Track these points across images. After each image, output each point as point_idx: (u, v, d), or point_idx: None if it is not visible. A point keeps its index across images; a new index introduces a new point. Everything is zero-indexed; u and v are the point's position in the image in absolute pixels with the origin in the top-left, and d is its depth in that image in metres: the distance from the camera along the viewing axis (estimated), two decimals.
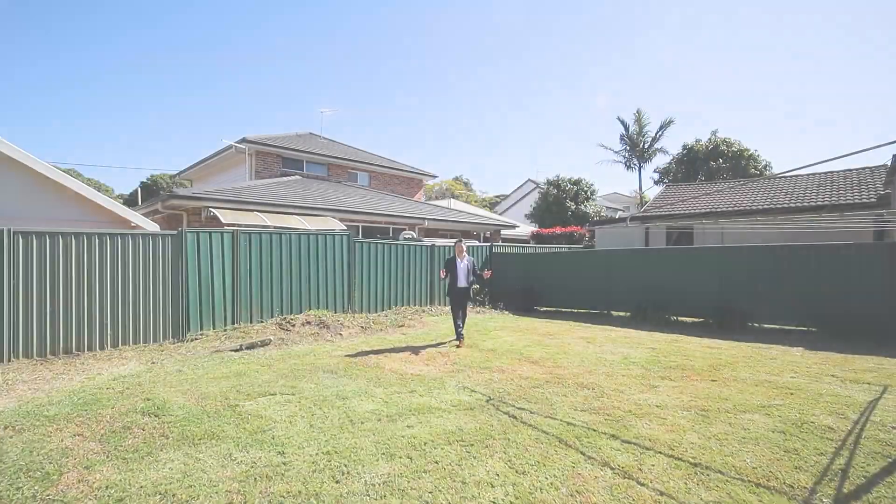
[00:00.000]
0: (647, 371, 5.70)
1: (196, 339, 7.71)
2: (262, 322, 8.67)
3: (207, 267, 8.09)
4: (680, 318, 9.84)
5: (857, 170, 14.97)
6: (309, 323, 8.64)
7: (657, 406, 4.37)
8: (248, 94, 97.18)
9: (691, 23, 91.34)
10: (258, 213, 11.63)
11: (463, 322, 7.54)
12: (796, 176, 16.26)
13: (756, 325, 8.87)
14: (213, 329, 8.11)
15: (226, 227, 8.96)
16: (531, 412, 4.25)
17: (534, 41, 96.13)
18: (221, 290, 8.25)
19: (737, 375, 5.44)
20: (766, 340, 7.75)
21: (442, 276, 7.65)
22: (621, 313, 11.08)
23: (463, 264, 7.52)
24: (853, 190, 13.50)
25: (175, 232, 7.78)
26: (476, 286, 7.60)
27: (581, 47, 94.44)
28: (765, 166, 24.99)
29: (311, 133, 23.60)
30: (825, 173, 15.80)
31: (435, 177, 24.86)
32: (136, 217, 8.56)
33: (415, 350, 7.09)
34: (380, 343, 7.67)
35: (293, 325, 8.43)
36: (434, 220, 16.71)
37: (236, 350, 7.11)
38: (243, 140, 17.28)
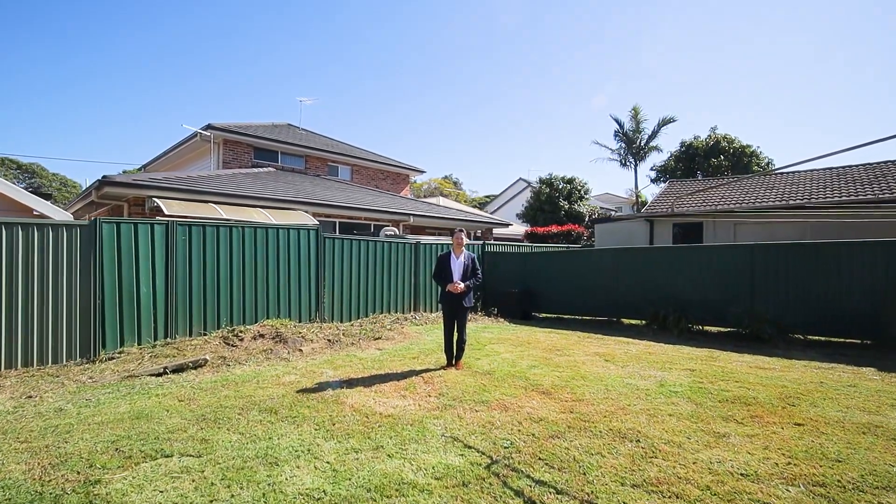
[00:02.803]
0: (698, 407, 4.24)
1: (112, 358, 6.06)
2: (204, 335, 7.04)
3: (131, 267, 6.44)
4: (705, 328, 8.45)
5: (880, 163, 13.83)
6: (262, 336, 7.04)
7: (744, 475, 2.90)
8: (236, 92, 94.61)
9: (689, 21, 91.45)
10: (214, 205, 9.97)
11: (461, 340, 5.86)
12: (811, 171, 15.10)
13: (799, 336, 7.51)
14: (139, 345, 6.46)
15: (158, 218, 7.32)
16: (557, 490, 2.74)
17: (529, 38, 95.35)
18: (150, 297, 6.60)
19: (824, 414, 4.00)
20: (819, 357, 6.37)
21: (457, 289, 5.65)
22: (633, 321, 9.67)
23: (459, 261, 5.84)
24: (879, 183, 12.33)
25: (86, 222, 6.13)
26: (470, 288, 5.93)
27: (578, 45, 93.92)
28: (767, 163, 23.97)
29: (289, 124, 21.91)
30: (842, 167, 14.67)
31: (423, 172, 23.31)
32: (41, 205, 6.87)
33: (390, 373, 5.55)
34: (347, 362, 6.11)
35: (241, 340, 6.82)
36: (420, 215, 15.18)
37: (158, 374, 5.49)
38: (209, 127, 15.54)
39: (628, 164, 29.56)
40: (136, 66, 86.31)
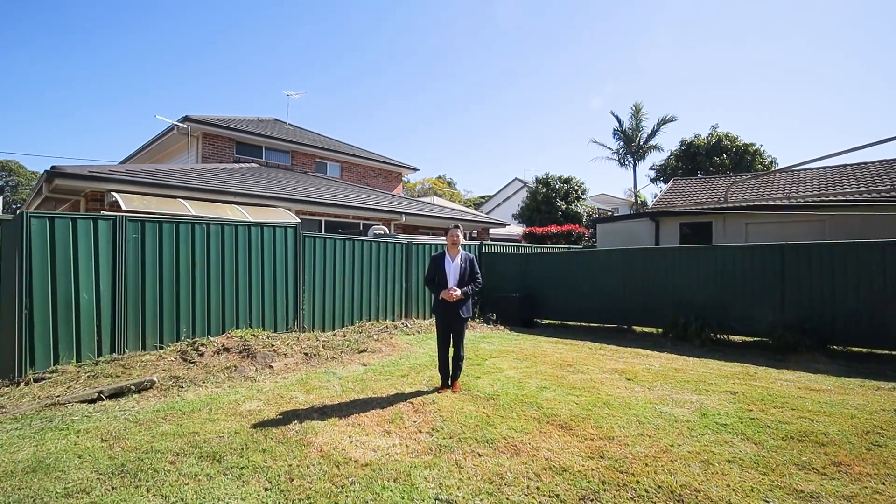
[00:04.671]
0: (760, 449, 3.35)
1: (42, 379, 5.06)
2: (159, 348, 6.07)
3: (69, 269, 5.45)
4: (729, 338, 7.59)
5: None
6: (227, 350, 6.07)
7: None
8: (229, 93, 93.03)
9: (687, 20, 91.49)
10: (182, 201, 8.98)
11: (458, 356, 4.95)
12: (825, 168, 14.38)
13: (838, 347, 6.68)
14: (77, 361, 5.47)
15: (104, 213, 6.35)
16: None
17: (526, 37, 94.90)
18: (93, 304, 5.62)
19: None
20: (871, 374, 5.54)
21: (452, 297, 4.73)
22: (647, 329, 8.81)
23: (454, 263, 4.90)
24: None
25: (9, 217, 5.14)
26: (469, 295, 4.99)
27: (576, 43, 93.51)
28: (770, 162, 23.32)
29: (276, 119, 20.88)
30: (857, 164, 13.97)
31: (416, 170, 22.38)
32: None
33: (373, 398, 4.62)
34: (323, 383, 5.16)
35: (202, 355, 5.85)
36: (413, 214, 14.26)
37: (90, 401, 4.52)
38: (186, 119, 14.51)
39: (627, 163, 28.89)
40: (129, 66, 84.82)
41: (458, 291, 4.77)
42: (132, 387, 4.77)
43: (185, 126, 14.45)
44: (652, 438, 3.54)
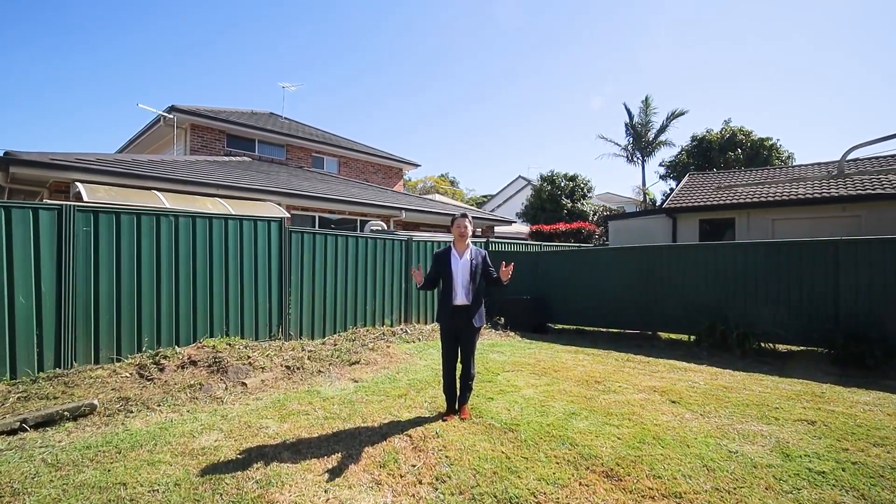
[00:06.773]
0: None
1: None
2: (117, 360, 5.18)
3: (1, 269, 4.57)
4: (776, 347, 6.66)
5: None
6: (194, 363, 5.16)
7: None
8: (227, 94, 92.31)
9: (687, 20, 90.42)
10: (157, 193, 8.10)
11: (467, 375, 4.02)
12: (855, 160, 13.41)
13: None
14: (12, 378, 4.58)
15: (47, 202, 5.46)
16: None
17: (529, 33, 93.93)
18: (32, 310, 4.73)
19: None
20: None
21: (416, 279, 4.04)
22: (674, 335, 7.90)
23: (464, 260, 3.97)
24: None
25: None
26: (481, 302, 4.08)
27: (579, 40, 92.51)
28: (787, 157, 22.33)
29: (271, 112, 20.02)
30: (892, 156, 13.01)
31: (417, 165, 21.48)
32: None
33: (362, 428, 3.71)
34: (304, 406, 4.26)
35: (163, 370, 4.95)
36: (413, 210, 13.36)
37: (10, 432, 3.63)
38: (172, 109, 13.64)
39: (635, 159, 27.91)
40: (129, 66, 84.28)
41: (462, 292, 3.91)
42: (66, 413, 3.87)
43: (172, 117, 13.57)
44: (732, 495, 2.63)
